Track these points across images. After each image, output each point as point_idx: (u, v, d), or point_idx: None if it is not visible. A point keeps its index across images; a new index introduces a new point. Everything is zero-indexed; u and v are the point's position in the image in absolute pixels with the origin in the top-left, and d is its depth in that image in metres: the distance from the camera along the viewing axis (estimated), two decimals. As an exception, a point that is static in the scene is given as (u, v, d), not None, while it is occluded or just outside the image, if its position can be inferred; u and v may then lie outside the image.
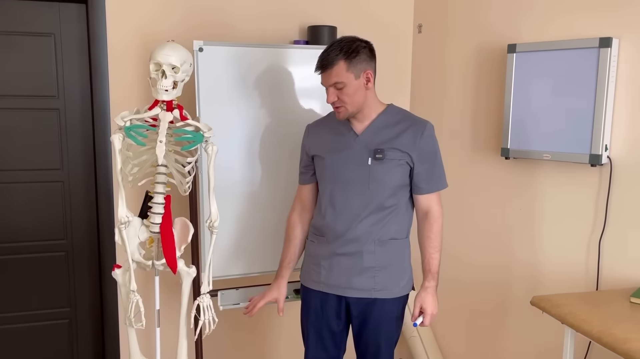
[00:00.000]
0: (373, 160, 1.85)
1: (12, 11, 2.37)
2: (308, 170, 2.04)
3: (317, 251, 1.98)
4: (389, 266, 1.91)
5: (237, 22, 2.62)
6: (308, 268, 2.02)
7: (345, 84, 1.80)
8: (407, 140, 1.85)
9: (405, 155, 1.85)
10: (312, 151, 2.00)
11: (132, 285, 1.97)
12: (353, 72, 1.80)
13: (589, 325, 1.74)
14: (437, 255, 1.91)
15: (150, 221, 1.98)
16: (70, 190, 2.55)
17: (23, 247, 2.52)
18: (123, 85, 2.49)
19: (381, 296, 1.90)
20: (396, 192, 1.88)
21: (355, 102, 1.83)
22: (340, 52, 1.78)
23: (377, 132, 1.88)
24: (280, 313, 2.09)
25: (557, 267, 2.32)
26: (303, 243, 2.09)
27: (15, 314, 2.55)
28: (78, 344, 2.66)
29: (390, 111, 1.92)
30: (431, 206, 1.91)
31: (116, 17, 2.43)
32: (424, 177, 1.88)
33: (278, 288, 2.08)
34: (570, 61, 2.14)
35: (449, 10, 2.75)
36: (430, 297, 1.87)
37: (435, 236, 1.90)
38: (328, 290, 1.95)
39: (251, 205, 2.37)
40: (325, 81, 1.84)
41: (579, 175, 2.21)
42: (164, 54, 1.87)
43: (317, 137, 1.99)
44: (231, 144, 2.31)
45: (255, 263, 2.41)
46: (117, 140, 1.88)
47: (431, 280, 1.88)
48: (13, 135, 2.44)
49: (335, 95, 1.82)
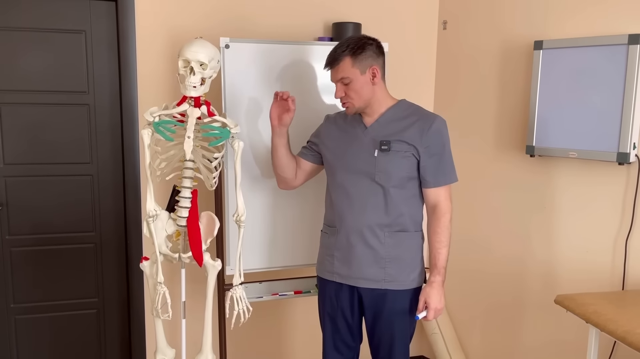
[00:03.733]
0: (379, 152, 1.88)
1: (44, 8, 2.43)
2: (311, 150, 2.10)
3: (329, 242, 2.02)
4: (398, 258, 1.93)
5: (263, 19, 2.64)
6: (322, 259, 2.06)
7: (351, 79, 1.85)
8: (413, 133, 1.87)
9: (411, 148, 1.87)
10: (324, 139, 2.04)
11: (159, 277, 2.01)
12: (359, 67, 1.84)
13: (615, 325, 1.73)
14: (444, 250, 1.90)
15: (178, 215, 2.02)
16: (99, 183, 2.61)
17: (54, 239, 2.59)
18: (151, 81, 2.53)
19: (392, 288, 1.92)
20: (404, 184, 1.90)
21: (361, 97, 1.87)
22: (347, 49, 1.84)
23: (386, 125, 1.91)
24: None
25: (582, 266, 2.30)
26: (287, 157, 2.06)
27: (46, 303, 2.63)
28: (105, 334, 2.73)
29: (401, 105, 1.94)
30: (439, 201, 1.91)
31: (145, 14, 2.48)
32: (431, 171, 1.89)
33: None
34: (598, 58, 2.12)
35: (475, 7, 2.73)
36: (435, 292, 1.87)
37: (442, 231, 1.90)
38: (341, 280, 1.98)
39: (275, 199, 2.40)
40: (333, 77, 1.90)
41: (606, 174, 2.19)
42: (192, 51, 1.90)
43: (332, 128, 2.04)
44: (256, 140, 2.34)
45: (279, 257, 2.44)
46: (146, 135, 1.92)
47: (437, 274, 1.88)
48: (45, 130, 2.51)
49: (342, 91, 1.88)
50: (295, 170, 2.10)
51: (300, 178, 2.13)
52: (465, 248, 2.84)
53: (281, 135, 2.04)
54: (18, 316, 2.60)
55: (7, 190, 2.50)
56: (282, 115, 2.01)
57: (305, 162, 2.11)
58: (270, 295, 2.47)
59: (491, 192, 2.69)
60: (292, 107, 1.99)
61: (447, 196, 1.92)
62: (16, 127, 2.47)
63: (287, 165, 2.08)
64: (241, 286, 2.10)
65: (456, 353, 2.88)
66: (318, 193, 2.39)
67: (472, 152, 2.77)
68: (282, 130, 2.03)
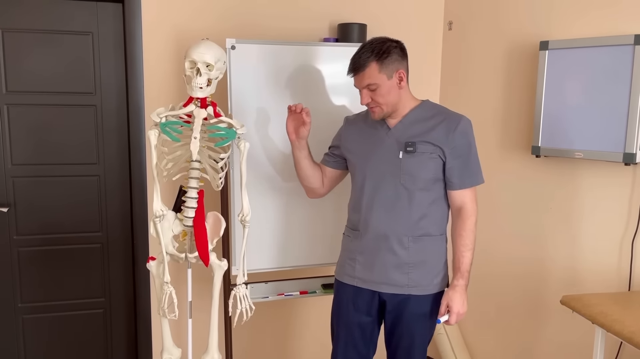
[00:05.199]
0: (404, 154, 1.84)
1: (53, 10, 2.45)
2: (334, 156, 2.07)
3: (352, 245, 1.98)
4: (423, 263, 1.89)
5: (269, 20, 2.65)
6: (343, 263, 2.02)
7: (378, 85, 1.80)
8: (439, 134, 1.83)
9: (437, 149, 1.83)
10: (345, 143, 2.01)
11: (165, 276, 2.02)
12: (385, 72, 1.80)
13: (621, 325, 1.73)
14: (469, 253, 1.86)
15: (184, 215, 2.03)
16: (106, 184, 2.63)
17: (61, 239, 2.61)
18: (157, 82, 2.55)
19: (415, 293, 1.89)
20: (429, 187, 1.87)
21: (389, 102, 1.83)
22: (372, 54, 1.78)
23: (410, 126, 1.87)
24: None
25: (587, 267, 2.30)
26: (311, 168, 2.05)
27: (53, 303, 2.65)
28: (112, 334, 2.75)
29: (425, 106, 1.91)
30: (465, 203, 1.88)
31: (151, 15, 2.49)
32: (457, 172, 1.86)
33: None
34: (604, 58, 2.11)
35: (480, 7, 2.74)
36: (458, 296, 1.83)
37: (467, 234, 1.86)
38: (362, 284, 1.94)
39: (281, 200, 2.41)
40: (358, 83, 1.84)
41: (612, 174, 2.18)
42: (199, 52, 1.91)
43: (353, 130, 2.01)
44: (262, 140, 2.35)
45: (284, 257, 2.45)
46: (153, 136, 1.94)
47: (460, 278, 1.84)
48: (52, 131, 2.53)
49: (369, 97, 1.83)
50: (321, 178, 2.08)
51: (327, 185, 2.10)
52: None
53: (301, 148, 2.01)
54: (25, 316, 2.62)
55: (15, 190, 2.52)
56: (298, 129, 1.97)
57: (329, 169, 2.08)
58: (276, 295, 2.48)
59: (497, 193, 2.69)
60: (307, 119, 1.95)
61: (472, 199, 1.89)
62: (24, 128, 2.49)
63: (312, 175, 2.05)
64: (244, 286, 2.10)
65: (462, 354, 2.88)
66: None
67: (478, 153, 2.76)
68: (300, 143, 2.00)
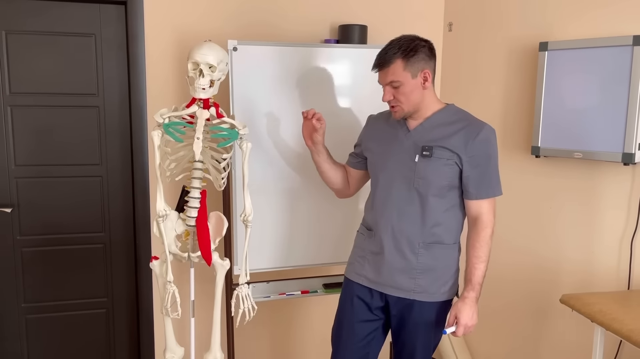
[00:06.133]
0: (420, 157, 1.80)
1: (56, 13, 2.47)
2: (357, 156, 2.07)
3: (364, 244, 1.96)
4: (432, 270, 1.84)
5: (270, 22, 2.67)
6: (353, 260, 2.00)
7: (401, 83, 1.76)
8: (458, 141, 1.77)
9: (454, 156, 1.77)
10: (365, 144, 2.00)
11: (168, 276, 2.04)
12: (410, 71, 1.75)
13: (619, 324, 1.75)
14: (482, 265, 1.78)
15: (187, 215, 2.05)
16: (108, 184, 2.64)
17: (64, 239, 2.62)
18: (159, 84, 2.57)
19: (420, 299, 1.85)
20: (444, 194, 1.81)
21: (411, 101, 1.79)
22: (398, 51, 1.75)
23: (430, 130, 1.82)
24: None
25: (588, 266, 2.31)
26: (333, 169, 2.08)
27: (56, 303, 2.66)
28: (115, 333, 2.76)
29: (448, 110, 1.85)
30: (481, 214, 1.81)
31: (153, 17, 2.51)
32: (474, 182, 1.79)
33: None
34: (603, 59, 2.13)
35: (480, 9, 2.75)
36: (468, 308, 1.77)
37: (481, 245, 1.79)
38: (369, 284, 1.93)
39: (283, 200, 2.42)
40: (382, 79, 1.81)
41: (611, 174, 2.20)
42: (201, 54, 1.93)
43: (374, 129, 1.99)
44: (264, 141, 2.37)
45: (286, 257, 2.46)
46: (156, 137, 1.95)
47: (470, 290, 1.78)
48: (55, 132, 2.55)
49: (391, 94, 1.79)
50: (345, 179, 2.09)
51: (353, 186, 2.11)
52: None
53: (319, 153, 2.03)
54: (29, 316, 2.63)
55: (18, 191, 2.53)
56: (312, 135, 2.00)
57: (353, 170, 2.08)
58: (278, 295, 2.49)
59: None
60: (317, 125, 1.96)
61: (490, 210, 1.81)
62: (27, 129, 2.51)
63: (335, 177, 2.07)
64: (247, 285, 2.12)
65: (463, 354, 2.89)
66: (326, 194, 2.41)
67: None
68: (317, 148, 2.02)
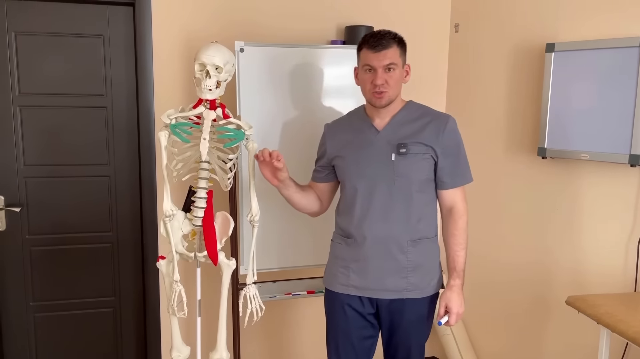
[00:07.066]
0: (397, 155, 1.82)
1: (65, 13, 2.49)
2: (324, 169, 2.03)
3: (345, 254, 1.93)
4: (421, 266, 1.87)
5: (277, 23, 2.68)
6: (334, 271, 1.96)
7: (397, 67, 1.80)
8: (430, 134, 1.83)
9: (429, 149, 1.82)
10: (332, 152, 1.96)
11: (175, 275, 2.06)
12: (402, 59, 1.83)
13: (625, 325, 1.74)
14: (463, 252, 1.85)
15: (193, 215, 2.06)
16: (116, 184, 2.67)
17: (72, 238, 2.65)
18: (167, 84, 2.58)
19: (413, 296, 1.87)
20: (423, 188, 1.86)
21: (397, 89, 1.83)
22: (395, 38, 1.81)
23: (399, 127, 1.86)
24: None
25: (593, 268, 2.31)
26: (305, 197, 2.02)
27: (65, 301, 2.69)
28: (122, 332, 2.78)
29: (411, 107, 1.91)
30: (456, 202, 1.87)
31: (161, 18, 2.53)
32: (448, 171, 1.85)
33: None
34: (610, 60, 2.13)
35: (486, 10, 2.75)
36: (456, 296, 1.82)
37: (460, 233, 1.85)
38: (358, 292, 1.90)
39: (288, 201, 2.43)
40: (378, 61, 1.78)
41: (618, 175, 2.19)
42: (208, 55, 1.94)
43: (337, 137, 1.96)
44: (271, 142, 2.38)
45: (292, 257, 2.48)
46: (163, 137, 1.97)
47: (456, 278, 1.83)
48: (64, 132, 2.57)
49: (384, 78, 1.79)
50: (317, 200, 2.05)
51: (325, 201, 2.08)
52: (478, 250, 2.85)
53: (287, 187, 1.96)
54: (37, 314, 2.66)
55: (27, 190, 2.56)
56: (275, 174, 1.91)
57: (322, 184, 2.05)
58: (284, 295, 2.51)
59: (503, 194, 2.70)
60: (279, 165, 1.85)
61: (463, 198, 1.88)
62: (36, 129, 2.54)
63: (309, 202, 2.03)
64: (254, 285, 2.13)
65: (468, 354, 2.89)
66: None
67: (484, 154, 2.78)
68: (284, 183, 1.94)
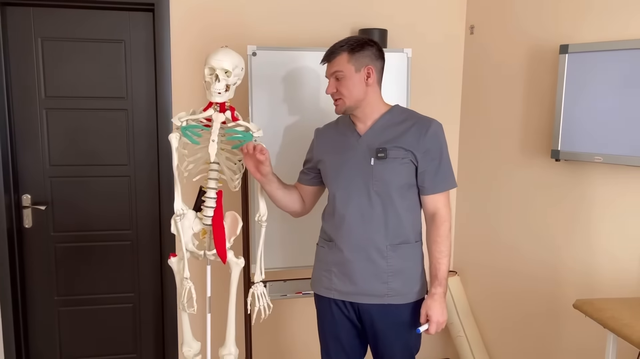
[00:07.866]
0: (375, 160, 1.80)
1: (88, 20, 2.61)
2: (310, 172, 2.04)
3: (327, 257, 1.93)
4: (402, 271, 1.84)
5: (291, 26, 2.73)
6: (319, 275, 1.97)
7: (344, 75, 1.79)
8: (410, 138, 1.79)
9: (408, 153, 1.79)
10: (317, 156, 1.98)
11: (185, 272, 2.12)
12: (354, 64, 1.79)
13: (630, 330, 1.72)
14: (445, 260, 1.80)
15: (203, 214, 2.12)
16: (136, 184, 2.76)
17: (94, 236, 2.76)
18: (184, 87, 2.67)
19: (395, 302, 1.84)
20: (404, 193, 1.83)
21: (352, 95, 1.81)
22: (345, 45, 1.80)
23: (381, 132, 1.84)
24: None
25: (607, 272, 2.27)
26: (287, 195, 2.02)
27: (87, 296, 2.80)
28: (141, 327, 2.88)
29: (395, 111, 1.88)
30: (438, 208, 1.83)
31: (179, 23, 2.61)
32: (429, 176, 1.81)
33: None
34: (624, 62, 2.09)
35: (501, 12, 2.74)
36: (437, 304, 1.78)
37: (442, 240, 1.81)
38: (340, 296, 1.90)
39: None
40: (327, 71, 1.85)
41: (632, 178, 2.15)
42: (217, 59, 2.00)
43: (324, 141, 1.98)
44: (281, 144, 2.42)
45: (303, 256, 2.51)
46: (174, 139, 2.04)
47: (438, 286, 1.79)
48: (87, 134, 2.68)
49: (334, 86, 1.82)
50: (300, 200, 2.06)
51: (309, 202, 2.08)
52: (491, 252, 2.83)
53: (269, 183, 1.97)
54: (61, 308, 2.78)
55: (52, 189, 2.68)
56: (259, 168, 1.93)
57: (307, 187, 2.06)
58: (294, 294, 2.55)
59: (516, 196, 2.68)
60: (261, 158, 1.86)
61: (446, 203, 1.84)
62: (61, 131, 2.66)
63: (291, 201, 2.04)
64: (262, 284, 2.18)
65: (481, 355, 2.87)
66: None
67: (498, 156, 2.77)
68: (266, 178, 1.95)
